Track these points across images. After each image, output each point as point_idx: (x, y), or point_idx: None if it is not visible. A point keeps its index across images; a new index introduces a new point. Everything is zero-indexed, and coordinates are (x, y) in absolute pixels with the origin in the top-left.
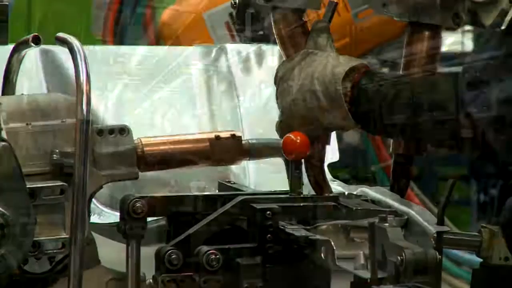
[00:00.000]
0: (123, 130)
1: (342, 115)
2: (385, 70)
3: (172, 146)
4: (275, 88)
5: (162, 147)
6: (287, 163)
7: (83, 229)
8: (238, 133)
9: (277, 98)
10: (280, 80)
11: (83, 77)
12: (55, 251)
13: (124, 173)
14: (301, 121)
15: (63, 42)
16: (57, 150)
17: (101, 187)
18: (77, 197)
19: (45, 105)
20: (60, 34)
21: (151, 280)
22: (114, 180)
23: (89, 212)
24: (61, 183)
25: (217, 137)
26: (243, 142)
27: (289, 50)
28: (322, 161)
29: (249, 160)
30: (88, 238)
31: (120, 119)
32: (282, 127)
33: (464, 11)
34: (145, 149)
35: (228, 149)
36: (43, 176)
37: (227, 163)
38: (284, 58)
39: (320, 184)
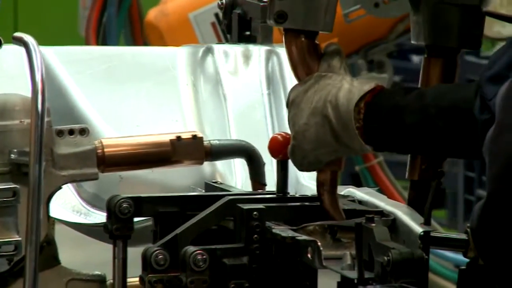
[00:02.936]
0: (84, 131)
1: (354, 139)
2: (374, 72)
3: (133, 147)
4: (287, 112)
5: (123, 148)
6: (249, 162)
7: (39, 230)
8: (199, 134)
9: (289, 122)
10: (292, 103)
11: (38, 76)
12: (9, 253)
13: (84, 173)
14: (314, 145)
15: (20, 41)
16: (15, 150)
17: (60, 187)
18: (32, 197)
19: (2, 106)
20: (17, 34)
21: (111, 280)
22: (74, 181)
23: (48, 212)
24: (13, 185)
25: (179, 138)
26: (204, 143)
27: (301, 73)
28: (335, 187)
29: (211, 161)
30: (47, 238)
31: (106, 118)
32: (295, 151)
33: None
34: (105, 150)
35: (189, 150)
36: (2, 176)
37: (189, 164)
38: (289, 83)
39: (331, 211)
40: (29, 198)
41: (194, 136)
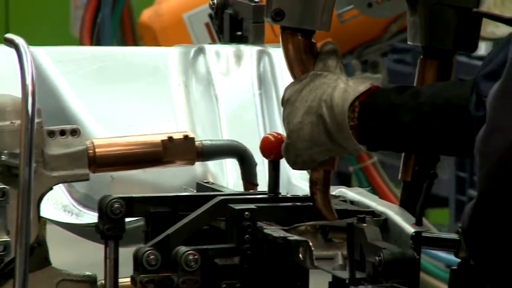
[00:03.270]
0: (75, 132)
1: (348, 139)
2: (368, 73)
3: (124, 148)
4: (282, 109)
5: (114, 149)
6: (240, 163)
7: (29, 231)
8: (191, 134)
9: (283, 120)
10: (287, 102)
11: (28, 78)
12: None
13: (75, 174)
14: (308, 144)
15: (10, 43)
16: (5, 151)
17: (51, 188)
18: (22, 199)
19: None
20: (8, 35)
21: (102, 281)
22: (65, 182)
23: (39, 213)
24: (2, 186)
25: (170, 138)
26: (196, 143)
27: (297, 71)
28: (328, 186)
29: (202, 161)
30: (38, 239)
31: (97, 118)
32: (289, 149)
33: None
34: (96, 150)
35: (181, 151)
36: None
37: (180, 164)
38: (289, 79)
39: (324, 211)
40: (19, 200)
41: (186, 137)
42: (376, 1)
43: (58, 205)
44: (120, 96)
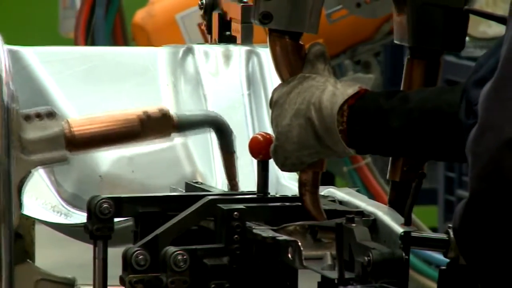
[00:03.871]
0: (51, 114)
1: (337, 142)
2: (360, 73)
3: (101, 125)
4: (270, 111)
5: (90, 127)
6: (217, 133)
7: (11, 218)
8: (165, 108)
9: (272, 122)
10: (275, 104)
11: (1, 66)
12: None
13: (54, 156)
14: (296, 147)
15: None
16: None
17: (30, 172)
18: (3, 188)
19: None
20: None
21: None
22: (44, 164)
23: (20, 201)
24: None
25: (146, 114)
26: (172, 116)
27: (285, 73)
28: (317, 187)
29: (178, 133)
30: (16, 231)
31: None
32: (278, 151)
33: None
34: (73, 129)
35: (157, 125)
36: None
37: (158, 138)
38: (276, 81)
39: (313, 212)
40: (0, 189)
41: (161, 111)
42: (365, 1)
43: (47, 205)
44: (109, 96)
